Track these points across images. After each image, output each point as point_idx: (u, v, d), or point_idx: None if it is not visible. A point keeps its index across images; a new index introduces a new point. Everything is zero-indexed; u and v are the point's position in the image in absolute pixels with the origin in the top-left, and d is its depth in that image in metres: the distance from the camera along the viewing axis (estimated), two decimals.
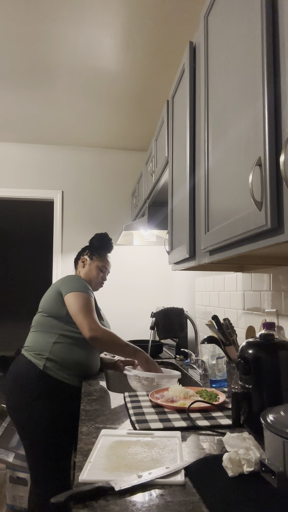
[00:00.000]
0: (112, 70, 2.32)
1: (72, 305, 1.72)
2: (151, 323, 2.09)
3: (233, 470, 0.77)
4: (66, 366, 1.71)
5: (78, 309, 1.70)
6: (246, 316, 1.66)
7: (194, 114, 1.41)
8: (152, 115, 2.89)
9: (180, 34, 1.99)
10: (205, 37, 1.23)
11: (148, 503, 0.69)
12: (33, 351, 1.74)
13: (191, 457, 0.88)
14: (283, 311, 1.35)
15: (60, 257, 3.38)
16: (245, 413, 0.98)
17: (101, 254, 2.02)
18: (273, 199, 0.76)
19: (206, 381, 1.70)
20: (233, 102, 0.98)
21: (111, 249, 2.06)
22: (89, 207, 3.48)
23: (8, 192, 3.38)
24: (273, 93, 0.78)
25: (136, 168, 3.57)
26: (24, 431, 1.66)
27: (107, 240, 2.05)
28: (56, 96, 2.64)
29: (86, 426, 1.10)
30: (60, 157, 3.48)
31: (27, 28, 1.95)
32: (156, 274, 3.49)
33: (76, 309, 1.70)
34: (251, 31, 0.87)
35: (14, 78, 2.41)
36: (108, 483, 0.73)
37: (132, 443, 0.95)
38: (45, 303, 1.83)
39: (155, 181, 2.20)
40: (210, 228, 1.16)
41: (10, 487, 2.30)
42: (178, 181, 1.59)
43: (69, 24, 1.92)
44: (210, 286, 2.15)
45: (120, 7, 1.80)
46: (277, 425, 0.71)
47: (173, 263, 1.67)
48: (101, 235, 2.07)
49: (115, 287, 3.41)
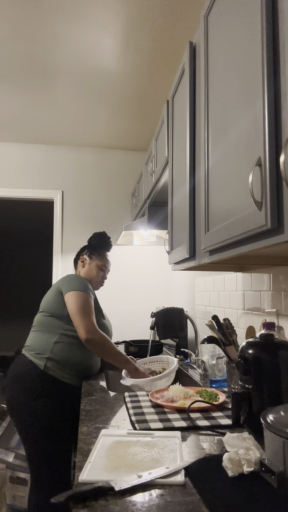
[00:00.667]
0: (112, 70, 2.32)
1: (71, 305, 1.72)
2: (151, 323, 2.10)
3: (233, 470, 0.77)
4: (67, 366, 1.71)
5: (77, 309, 1.70)
6: (246, 316, 1.66)
7: (194, 114, 1.41)
8: (152, 115, 2.89)
9: (180, 34, 1.99)
10: (205, 37, 1.23)
11: (148, 503, 0.69)
12: (33, 350, 1.74)
13: (191, 457, 0.88)
14: (283, 311, 1.35)
15: (60, 257, 3.38)
16: (245, 413, 0.98)
17: (100, 253, 2.01)
18: (273, 199, 0.76)
19: (206, 381, 1.70)
20: (233, 102, 0.98)
21: (110, 247, 2.06)
22: (89, 207, 3.48)
23: (8, 192, 3.38)
24: (273, 93, 0.78)
25: (136, 168, 3.57)
26: (24, 431, 1.66)
27: (106, 239, 2.05)
28: (56, 96, 2.64)
29: (86, 426, 1.10)
30: (60, 157, 3.48)
31: (27, 28, 1.95)
32: (156, 274, 3.49)
33: (75, 309, 1.70)
34: (251, 31, 0.87)
35: (14, 78, 2.41)
36: (108, 483, 0.73)
37: (132, 443, 0.95)
38: (46, 303, 1.83)
39: (155, 181, 2.20)
40: (210, 228, 1.16)
41: (10, 487, 2.30)
42: (178, 181, 1.59)
43: (69, 24, 1.92)
44: (210, 286, 2.15)
45: (120, 7, 1.80)
46: (277, 425, 0.71)
47: (173, 263, 1.67)
48: (99, 234, 2.07)
49: (115, 287, 3.41)
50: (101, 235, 2.06)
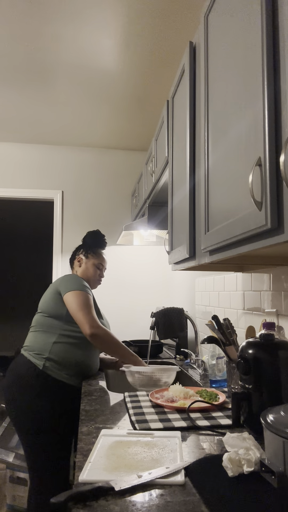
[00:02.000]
0: (112, 70, 2.31)
1: (72, 304, 1.72)
2: (151, 323, 2.09)
3: (233, 470, 0.77)
4: (66, 366, 1.71)
5: (78, 307, 1.70)
6: (246, 316, 1.66)
7: (194, 114, 1.41)
8: (152, 115, 2.89)
9: (180, 34, 1.99)
10: (205, 37, 1.23)
11: (148, 503, 0.69)
12: (32, 351, 1.74)
13: (191, 457, 0.88)
14: (283, 311, 1.35)
15: (60, 257, 3.38)
16: (245, 413, 0.98)
17: (96, 252, 2.02)
18: (273, 199, 0.76)
19: (206, 381, 1.70)
20: (233, 102, 0.98)
21: (105, 245, 2.06)
22: (89, 207, 3.48)
23: (8, 192, 3.38)
24: (273, 93, 0.78)
25: (136, 168, 3.57)
26: (24, 431, 1.66)
27: (100, 237, 2.05)
28: (56, 96, 2.64)
29: (86, 426, 1.10)
30: (60, 157, 3.48)
31: (26, 28, 1.95)
32: (156, 274, 3.49)
33: (76, 307, 1.70)
34: (251, 31, 0.87)
35: (14, 78, 2.41)
36: (108, 483, 0.73)
37: (132, 443, 0.95)
38: (45, 303, 1.83)
39: (155, 181, 2.20)
40: (210, 228, 1.16)
41: (10, 487, 2.30)
42: (178, 181, 1.59)
43: (69, 24, 1.92)
44: (210, 286, 2.15)
45: (120, 7, 1.80)
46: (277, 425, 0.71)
47: (173, 263, 1.67)
48: (93, 233, 2.07)
49: (115, 287, 3.41)
50: (95, 234, 2.06)
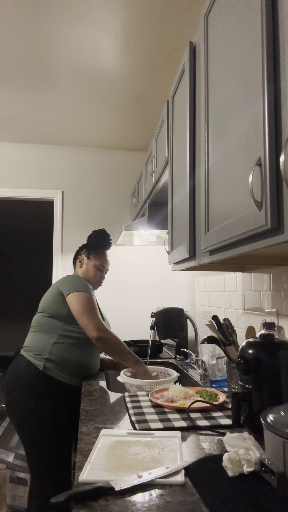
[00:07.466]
0: (112, 70, 2.31)
1: (76, 306, 1.71)
2: (151, 323, 2.09)
3: (233, 470, 0.77)
4: (66, 366, 1.71)
5: (83, 310, 1.69)
6: (246, 316, 1.66)
7: (194, 114, 1.41)
8: (152, 115, 2.89)
9: (180, 34, 1.99)
10: (205, 37, 1.23)
11: (148, 503, 0.69)
12: (32, 351, 1.73)
13: (191, 457, 0.88)
14: (283, 311, 1.35)
15: (60, 257, 3.38)
16: (245, 413, 0.98)
17: (99, 252, 1.98)
18: (273, 199, 0.76)
19: (206, 381, 1.70)
20: (233, 102, 0.98)
21: (109, 246, 2.02)
22: (89, 207, 3.48)
23: (8, 192, 3.38)
24: (273, 93, 0.78)
25: (136, 168, 3.57)
26: (24, 432, 1.66)
27: (105, 237, 2.01)
28: (56, 96, 2.64)
29: (86, 426, 1.10)
30: (60, 157, 3.48)
31: (26, 28, 1.95)
32: (156, 274, 3.48)
33: (81, 310, 1.69)
34: (251, 31, 0.87)
35: (14, 78, 2.41)
36: (108, 483, 0.73)
37: (132, 443, 0.95)
38: (45, 303, 1.82)
39: (155, 181, 2.20)
40: (210, 228, 1.16)
41: (10, 487, 2.30)
42: (178, 181, 1.59)
43: (69, 24, 1.92)
44: (210, 286, 2.15)
45: (120, 7, 1.80)
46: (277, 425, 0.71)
47: (173, 263, 1.66)
48: (98, 232, 2.03)
49: (115, 287, 3.41)
50: (100, 233, 2.02)
